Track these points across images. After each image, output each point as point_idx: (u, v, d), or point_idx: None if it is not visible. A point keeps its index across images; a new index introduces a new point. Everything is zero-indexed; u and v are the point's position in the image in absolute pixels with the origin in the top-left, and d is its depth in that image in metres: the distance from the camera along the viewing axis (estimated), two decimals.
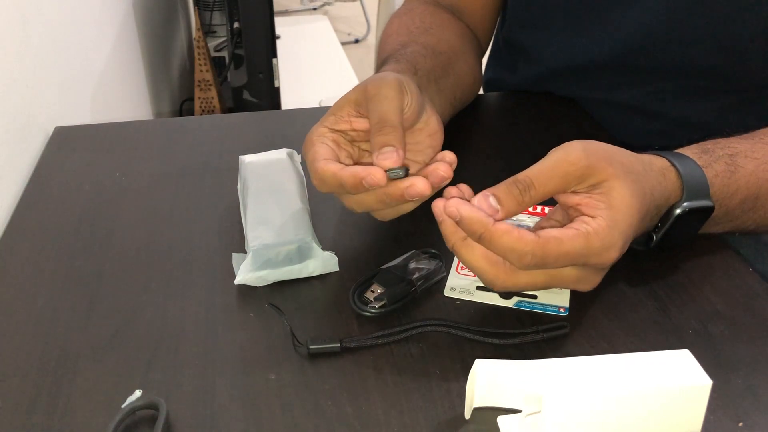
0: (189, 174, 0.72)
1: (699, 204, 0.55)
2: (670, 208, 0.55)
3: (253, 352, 0.51)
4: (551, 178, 0.50)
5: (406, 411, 0.46)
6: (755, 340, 0.52)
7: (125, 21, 1.50)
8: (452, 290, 0.56)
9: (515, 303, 0.55)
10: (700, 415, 0.44)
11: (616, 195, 0.49)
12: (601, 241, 0.48)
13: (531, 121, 0.84)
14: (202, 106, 2.10)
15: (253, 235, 0.57)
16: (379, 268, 0.56)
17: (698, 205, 0.55)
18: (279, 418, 0.46)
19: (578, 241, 0.48)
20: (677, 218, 0.54)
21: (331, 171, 0.54)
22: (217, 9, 2.37)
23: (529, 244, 0.47)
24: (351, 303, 0.54)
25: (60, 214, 0.66)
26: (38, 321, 0.54)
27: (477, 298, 0.55)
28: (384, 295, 0.53)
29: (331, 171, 0.54)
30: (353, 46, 3.53)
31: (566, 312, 0.54)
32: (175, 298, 0.56)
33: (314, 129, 0.59)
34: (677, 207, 0.54)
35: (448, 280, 0.57)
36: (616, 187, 0.50)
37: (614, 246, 0.49)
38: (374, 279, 0.55)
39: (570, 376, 0.43)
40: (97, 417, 0.46)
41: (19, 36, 0.81)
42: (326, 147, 0.57)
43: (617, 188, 0.50)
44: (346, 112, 0.59)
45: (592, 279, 0.52)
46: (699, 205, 0.55)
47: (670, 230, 0.55)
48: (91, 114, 1.10)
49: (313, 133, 0.58)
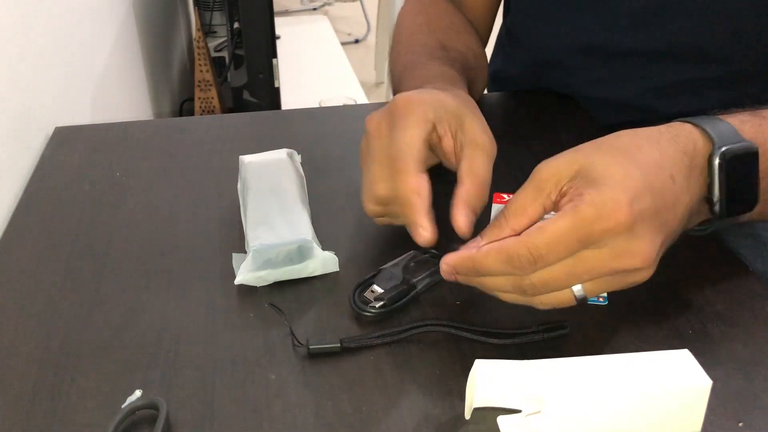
0: (189, 174, 0.72)
1: (737, 146, 0.49)
2: (709, 162, 0.49)
3: (253, 352, 0.51)
4: (527, 195, 0.48)
5: (406, 411, 0.46)
6: (755, 340, 0.52)
7: (125, 21, 1.50)
8: None
9: None
10: (700, 415, 0.44)
11: (596, 167, 0.46)
12: (594, 206, 0.44)
13: (531, 121, 0.84)
14: (202, 106, 2.10)
15: (253, 235, 0.57)
16: (380, 269, 0.56)
17: (737, 148, 0.49)
18: (279, 418, 0.46)
19: (564, 220, 0.44)
20: (721, 167, 0.49)
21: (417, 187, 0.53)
22: (217, 9, 2.37)
23: (513, 246, 0.45)
24: (351, 303, 0.53)
25: (60, 214, 0.66)
26: (38, 321, 0.54)
27: None
28: (384, 296, 0.53)
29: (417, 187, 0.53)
30: (353, 46, 3.53)
31: (605, 301, 0.54)
32: (175, 298, 0.56)
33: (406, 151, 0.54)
34: (714, 156, 0.49)
35: None
36: (594, 162, 0.46)
37: (617, 204, 0.44)
38: (374, 279, 0.55)
39: (570, 376, 0.43)
40: (97, 417, 0.46)
41: (19, 36, 0.81)
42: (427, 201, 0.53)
43: (595, 162, 0.46)
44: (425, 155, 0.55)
45: (634, 253, 0.45)
46: (738, 147, 0.49)
47: (727, 185, 0.49)
48: (91, 114, 1.10)
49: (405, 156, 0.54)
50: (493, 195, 0.65)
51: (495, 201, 0.65)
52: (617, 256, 0.45)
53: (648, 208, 0.45)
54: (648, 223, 0.45)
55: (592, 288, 0.47)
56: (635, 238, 0.45)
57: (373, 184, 0.55)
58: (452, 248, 0.50)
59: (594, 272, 0.46)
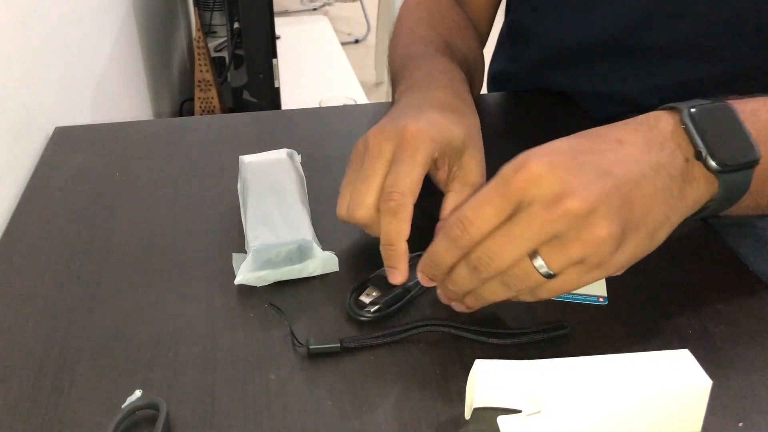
0: (189, 174, 0.72)
1: (703, 103, 0.48)
2: (682, 123, 0.48)
3: (253, 352, 0.51)
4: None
5: (406, 411, 0.46)
6: (755, 340, 0.52)
7: (125, 21, 1.50)
8: None
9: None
10: (700, 415, 0.44)
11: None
12: (510, 164, 0.45)
13: (531, 121, 0.84)
14: (202, 106, 2.10)
15: (253, 235, 0.57)
16: (376, 272, 0.56)
17: (703, 103, 0.48)
18: (279, 418, 0.46)
19: (486, 186, 0.45)
20: (692, 117, 0.47)
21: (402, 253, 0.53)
22: (217, 9, 2.37)
23: (447, 222, 0.47)
24: (347, 307, 0.53)
25: (60, 214, 0.66)
26: (38, 321, 0.54)
27: None
28: (379, 300, 0.53)
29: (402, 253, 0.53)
30: (353, 46, 3.53)
31: (605, 301, 0.54)
32: (175, 298, 0.56)
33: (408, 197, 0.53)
34: (683, 113, 0.48)
35: None
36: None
37: (530, 156, 0.44)
38: (370, 283, 0.55)
39: (570, 376, 0.43)
40: (97, 417, 0.46)
41: (19, 36, 0.81)
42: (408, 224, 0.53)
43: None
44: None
45: (564, 195, 0.43)
46: (704, 103, 0.48)
47: (708, 136, 0.47)
48: (91, 114, 1.10)
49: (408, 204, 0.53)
50: None
51: None
52: (547, 205, 0.43)
53: (571, 160, 0.44)
54: (574, 169, 0.44)
55: (549, 257, 0.44)
56: (560, 183, 0.43)
57: (358, 206, 0.54)
58: None
59: (532, 229, 0.44)
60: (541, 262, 0.45)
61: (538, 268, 0.45)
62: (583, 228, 0.43)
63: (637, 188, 0.45)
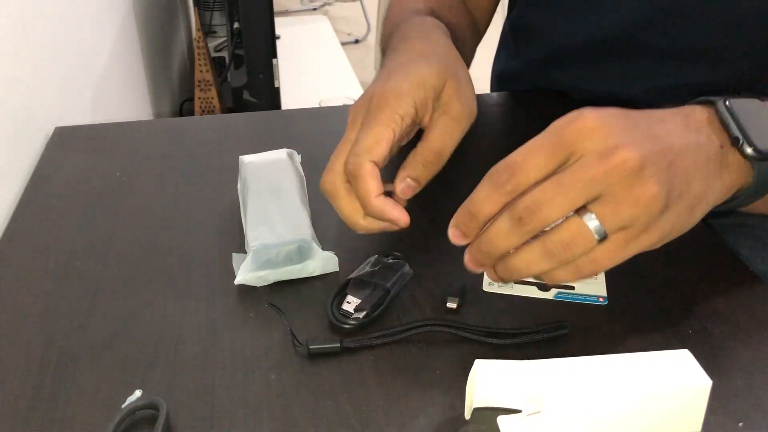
0: (189, 174, 0.72)
1: (735, 96, 0.49)
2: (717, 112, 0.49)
3: (253, 352, 0.51)
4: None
5: (406, 411, 0.46)
6: (755, 340, 0.52)
7: (125, 21, 1.50)
8: (491, 285, 0.56)
9: (555, 295, 0.55)
10: (700, 415, 0.44)
11: None
12: (562, 118, 0.44)
13: (531, 121, 0.84)
14: (202, 106, 2.10)
15: (253, 235, 0.57)
16: (349, 279, 0.55)
17: (735, 96, 0.49)
18: (279, 418, 0.46)
19: (536, 136, 0.45)
20: (728, 108, 0.48)
21: (380, 207, 0.53)
22: (217, 9, 2.37)
23: (493, 168, 0.45)
24: (331, 317, 0.53)
25: (60, 214, 0.66)
26: (38, 321, 0.54)
27: (516, 291, 0.55)
28: (364, 305, 0.53)
29: (380, 207, 0.53)
30: (353, 46, 3.54)
31: (605, 301, 0.54)
32: (175, 298, 0.56)
33: (328, 179, 0.55)
34: (718, 105, 0.49)
35: (485, 275, 0.57)
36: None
37: (583, 112, 0.44)
38: (347, 290, 0.54)
39: (570, 376, 0.43)
40: (97, 417, 0.46)
41: (19, 36, 0.81)
42: (377, 180, 0.54)
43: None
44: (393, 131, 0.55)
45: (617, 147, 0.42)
46: (736, 96, 0.49)
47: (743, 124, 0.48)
48: (91, 114, 1.10)
49: (335, 191, 0.55)
50: None
51: None
52: (600, 156, 0.43)
53: (622, 121, 0.45)
54: (626, 127, 0.44)
55: (602, 211, 0.43)
56: (612, 137, 0.43)
57: (324, 176, 0.55)
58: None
59: (584, 179, 0.43)
60: (594, 219, 0.43)
61: (590, 226, 0.43)
62: (634, 185, 0.43)
63: (680, 158, 0.45)
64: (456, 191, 0.57)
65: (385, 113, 0.54)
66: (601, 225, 0.43)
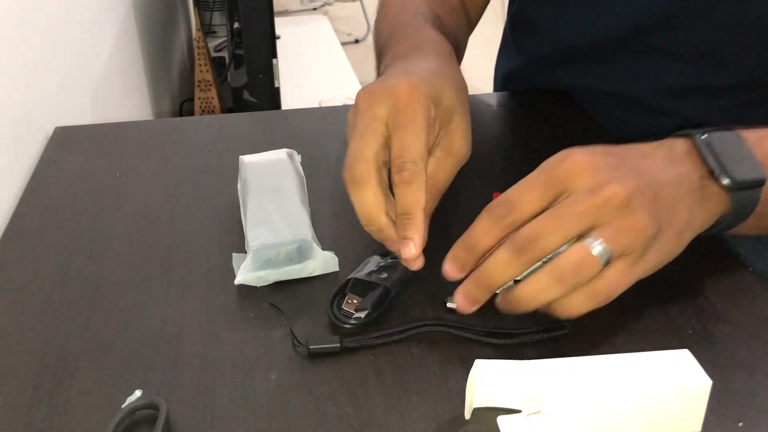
0: (189, 174, 0.72)
1: (712, 129, 0.51)
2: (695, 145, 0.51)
3: (253, 352, 0.51)
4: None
5: (406, 411, 0.46)
6: (755, 340, 0.52)
7: (125, 21, 1.50)
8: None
9: None
10: (700, 415, 0.44)
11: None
12: (555, 156, 0.48)
13: (531, 121, 0.84)
14: (202, 106, 2.10)
15: (253, 235, 0.57)
16: (349, 279, 0.55)
17: (712, 129, 0.51)
18: (279, 418, 0.46)
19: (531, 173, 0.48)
20: (705, 142, 0.51)
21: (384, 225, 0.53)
22: (217, 9, 2.37)
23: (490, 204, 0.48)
24: (331, 317, 0.52)
25: (60, 214, 0.66)
26: (38, 321, 0.54)
27: None
28: (367, 305, 0.53)
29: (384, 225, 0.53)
30: (353, 46, 3.54)
31: None
32: (175, 298, 0.56)
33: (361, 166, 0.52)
34: (697, 138, 0.51)
35: None
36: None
37: (574, 151, 0.48)
38: (348, 290, 0.54)
39: (570, 376, 0.43)
40: (97, 417, 0.46)
41: (19, 36, 0.81)
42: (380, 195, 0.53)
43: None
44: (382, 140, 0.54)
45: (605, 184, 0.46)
46: (713, 129, 0.51)
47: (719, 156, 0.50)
48: (91, 114, 1.10)
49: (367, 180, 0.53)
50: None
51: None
52: (589, 192, 0.46)
53: (608, 159, 0.48)
54: (611, 166, 0.48)
55: (604, 236, 0.46)
56: (599, 174, 0.47)
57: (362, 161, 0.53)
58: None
59: (577, 211, 0.46)
60: (597, 244, 0.46)
61: (594, 251, 0.46)
62: (626, 215, 0.46)
63: (665, 190, 0.48)
64: (457, 192, 0.57)
65: (421, 115, 0.52)
66: (605, 249, 0.46)
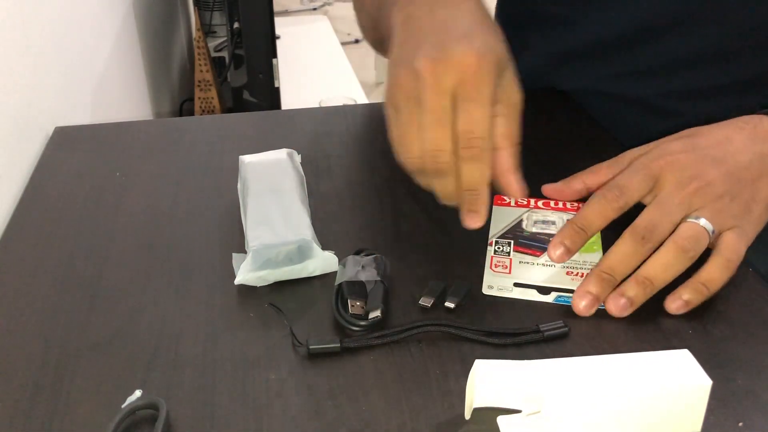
0: (189, 174, 0.72)
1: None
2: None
3: (253, 352, 0.51)
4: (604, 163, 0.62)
5: (406, 411, 0.46)
6: (755, 340, 0.52)
7: (125, 21, 1.50)
8: (490, 288, 0.56)
9: (555, 298, 0.55)
10: (700, 415, 0.44)
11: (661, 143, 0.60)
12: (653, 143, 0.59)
13: (532, 122, 0.83)
14: (202, 106, 2.10)
15: (253, 235, 0.57)
16: (340, 284, 0.54)
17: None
18: (279, 418, 0.46)
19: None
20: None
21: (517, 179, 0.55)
22: (217, 9, 2.37)
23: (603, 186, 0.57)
24: (342, 322, 0.52)
25: (60, 214, 0.66)
26: (38, 321, 0.54)
27: (515, 294, 0.55)
28: (377, 304, 0.52)
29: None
30: (353, 46, 3.53)
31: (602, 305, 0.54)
32: (175, 298, 0.56)
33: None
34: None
35: (485, 278, 0.57)
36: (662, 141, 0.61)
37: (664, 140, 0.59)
38: (345, 294, 0.53)
39: (570, 376, 0.43)
40: (97, 417, 0.46)
41: (19, 36, 0.81)
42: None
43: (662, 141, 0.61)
44: None
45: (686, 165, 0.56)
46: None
47: None
48: (91, 114, 1.10)
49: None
50: (494, 197, 0.64)
51: (495, 203, 0.65)
52: (681, 185, 0.55)
53: (690, 156, 0.56)
54: (696, 158, 0.56)
55: (703, 215, 0.54)
56: (686, 170, 0.56)
57: (438, 154, 0.50)
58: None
59: (675, 202, 0.55)
60: (702, 220, 0.54)
61: (701, 224, 0.54)
62: (714, 201, 0.55)
63: (746, 171, 0.56)
64: None
65: (488, 87, 0.50)
66: (707, 222, 0.54)
